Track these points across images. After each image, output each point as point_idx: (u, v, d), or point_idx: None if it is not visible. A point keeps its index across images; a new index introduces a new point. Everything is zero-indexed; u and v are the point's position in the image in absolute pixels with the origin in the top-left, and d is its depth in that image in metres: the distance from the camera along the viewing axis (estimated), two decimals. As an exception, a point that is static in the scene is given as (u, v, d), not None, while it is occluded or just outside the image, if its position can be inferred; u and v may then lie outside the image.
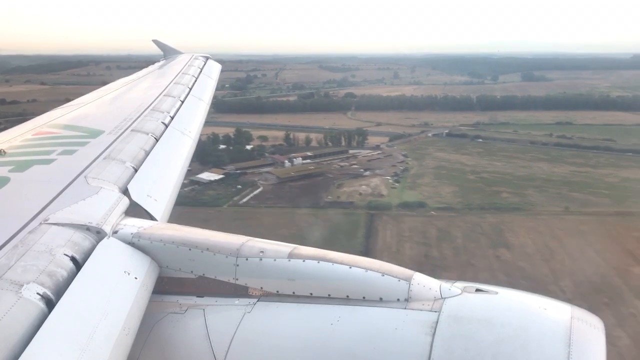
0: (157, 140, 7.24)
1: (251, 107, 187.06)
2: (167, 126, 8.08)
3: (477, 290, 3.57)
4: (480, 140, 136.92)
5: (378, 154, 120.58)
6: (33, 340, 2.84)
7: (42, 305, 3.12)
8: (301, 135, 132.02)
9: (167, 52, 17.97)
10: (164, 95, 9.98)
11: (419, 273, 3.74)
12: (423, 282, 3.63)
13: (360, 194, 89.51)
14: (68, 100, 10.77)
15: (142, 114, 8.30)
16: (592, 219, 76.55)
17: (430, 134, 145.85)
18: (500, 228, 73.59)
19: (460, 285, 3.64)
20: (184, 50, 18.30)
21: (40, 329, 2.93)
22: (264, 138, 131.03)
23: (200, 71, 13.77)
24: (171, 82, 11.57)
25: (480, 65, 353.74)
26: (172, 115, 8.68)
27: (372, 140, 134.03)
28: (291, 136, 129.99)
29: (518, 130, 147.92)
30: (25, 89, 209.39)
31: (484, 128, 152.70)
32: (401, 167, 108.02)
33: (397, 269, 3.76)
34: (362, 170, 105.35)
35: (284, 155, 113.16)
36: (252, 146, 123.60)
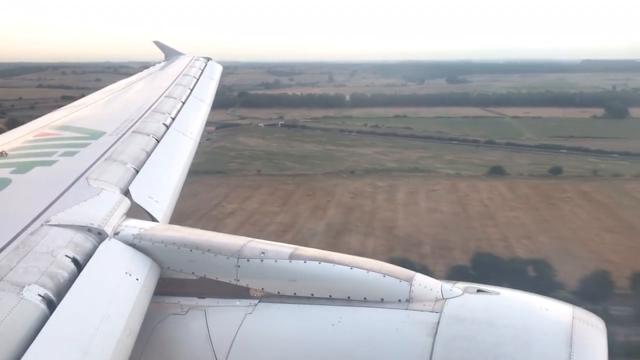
0: (158, 141, 7.28)
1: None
2: (168, 127, 8.09)
3: (479, 290, 3.62)
4: (300, 128, 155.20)
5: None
6: (34, 341, 2.84)
7: (43, 306, 3.12)
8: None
9: (168, 54, 17.79)
10: (165, 97, 10.07)
11: (420, 274, 3.81)
12: (424, 283, 3.69)
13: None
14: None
15: (143, 115, 8.33)
16: (265, 178, 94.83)
17: (262, 124, 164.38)
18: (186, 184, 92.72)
19: (461, 285, 3.70)
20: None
21: (42, 330, 2.93)
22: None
23: (202, 72, 13.93)
24: (172, 83, 11.70)
25: (419, 71, 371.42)
26: (173, 117, 8.75)
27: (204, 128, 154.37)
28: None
29: (345, 122, 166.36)
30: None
31: (323, 120, 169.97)
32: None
33: (399, 269, 3.85)
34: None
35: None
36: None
